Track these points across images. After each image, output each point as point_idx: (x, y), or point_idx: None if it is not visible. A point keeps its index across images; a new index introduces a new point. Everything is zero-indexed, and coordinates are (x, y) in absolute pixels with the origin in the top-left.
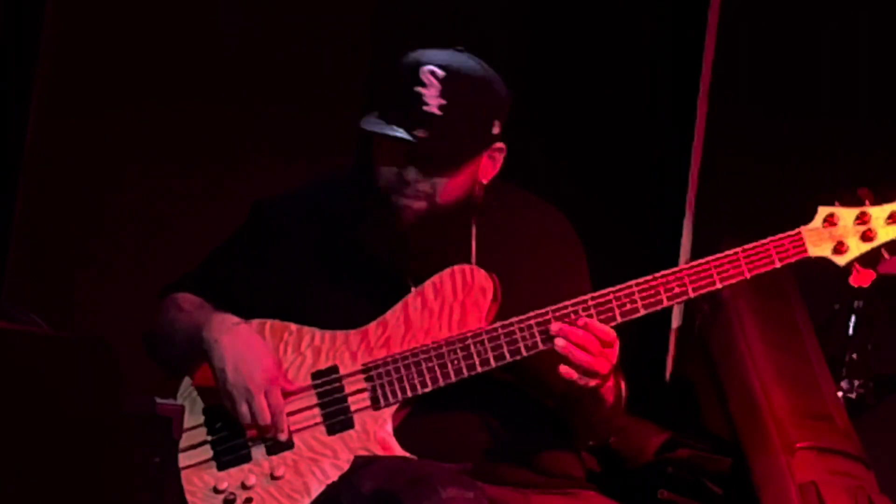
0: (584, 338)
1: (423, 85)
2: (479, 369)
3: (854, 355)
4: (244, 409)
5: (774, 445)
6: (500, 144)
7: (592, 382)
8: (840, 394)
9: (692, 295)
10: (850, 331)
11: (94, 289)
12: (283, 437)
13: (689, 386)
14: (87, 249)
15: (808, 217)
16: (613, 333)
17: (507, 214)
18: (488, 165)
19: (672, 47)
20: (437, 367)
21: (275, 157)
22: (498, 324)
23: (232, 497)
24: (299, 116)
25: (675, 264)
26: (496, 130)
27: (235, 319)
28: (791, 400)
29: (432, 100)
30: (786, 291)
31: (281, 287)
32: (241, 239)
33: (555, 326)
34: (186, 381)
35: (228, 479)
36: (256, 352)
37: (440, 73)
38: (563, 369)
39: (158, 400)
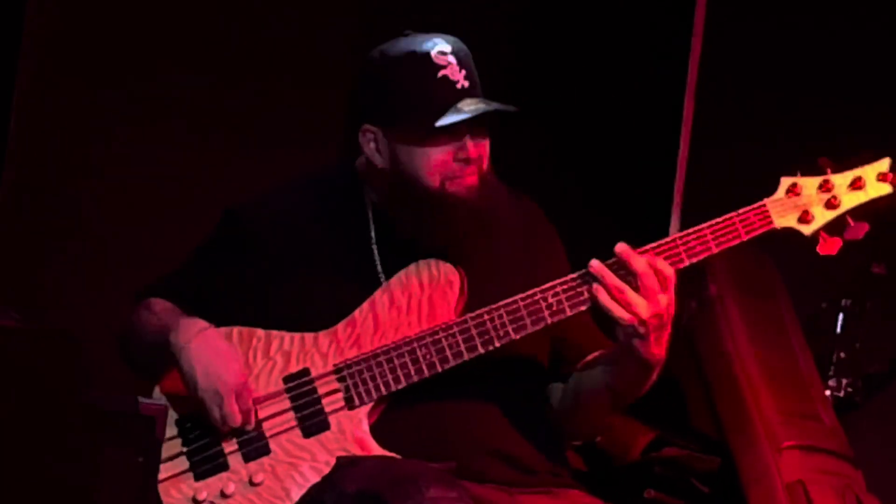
0: (642, 269)
1: (443, 66)
2: (451, 362)
3: (842, 354)
4: (216, 413)
5: (762, 444)
6: None
7: (641, 329)
8: (828, 392)
9: None
10: (838, 329)
11: (82, 286)
12: (249, 427)
13: (676, 384)
14: (75, 246)
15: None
16: (672, 272)
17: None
18: None
19: (659, 37)
20: (409, 363)
21: (252, 151)
22: (468, 315)
23: None
24: (281, 111)
25: None
26: None
27: (203, 324)
28: (778, 399)
29: (457, 76)
30: (773, 289)
31: (258, 291)
32: (214, 245)
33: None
34: (157, 389)
35: (207, 488)
36: (225, 356)
37: (447, 48)
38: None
39: (142, 399)
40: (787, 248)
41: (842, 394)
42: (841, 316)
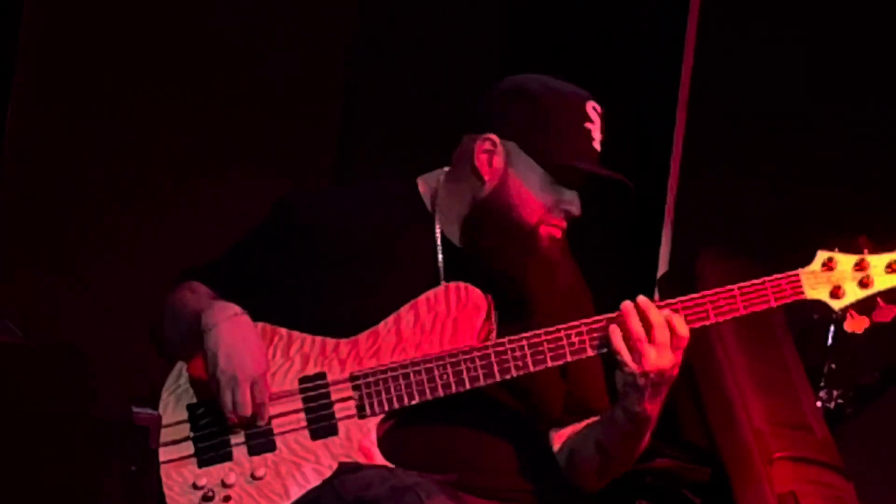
0: (658, 322)
1: (591, 121)
2: (467, 386)
3: (833, 365)
4: (228, 397)
5: (753, 455)
6: None
7: (641, 380)
8: (819, 404)
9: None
10: (829, 341)
11: (75, 297)
12: (261, 422)
13: (667, 395)
14: (71, 257)
15: (796, 245)
16: (687, 333)
17: None
18: None
19: (651, 55)
20: (425, 381)
21: (255, 163)
22: (489, 342)
23: (211, 494)
24: (278, 120)
25: (654, 273)
26: None
27: (238, 310)
28: (769, 410)
29: (596, 135)
30: None
31: (298, 283)
32: (264, 232)
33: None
34: (175, 372)
35: (208, 476)
36: (251, 344)
37: (599, 108)
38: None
39: (135, 409)
40: (779, 259)
41: (833, 405)
42: (832, 327)
